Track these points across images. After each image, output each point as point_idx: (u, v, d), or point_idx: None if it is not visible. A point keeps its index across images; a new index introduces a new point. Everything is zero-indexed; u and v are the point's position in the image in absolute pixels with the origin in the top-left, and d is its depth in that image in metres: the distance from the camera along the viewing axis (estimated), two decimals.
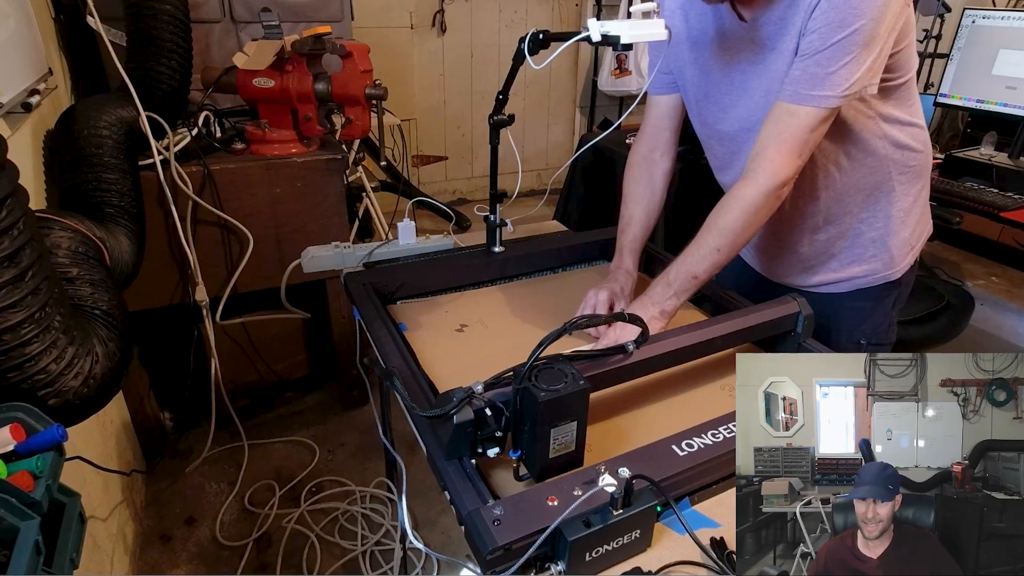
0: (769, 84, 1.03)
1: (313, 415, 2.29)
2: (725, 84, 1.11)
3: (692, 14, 1.10)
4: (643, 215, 1.27)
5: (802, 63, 0.96)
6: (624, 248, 1.26)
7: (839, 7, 0.90)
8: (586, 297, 1.19)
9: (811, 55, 0.94)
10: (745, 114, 1.10)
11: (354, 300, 1.21)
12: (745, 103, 1.09)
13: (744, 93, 1.09)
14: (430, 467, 0.83)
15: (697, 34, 1.11)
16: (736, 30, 1.04)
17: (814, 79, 0.95)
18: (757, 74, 1.05)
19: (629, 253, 1.25)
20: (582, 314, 1.17)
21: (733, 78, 1.09)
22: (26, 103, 1.32)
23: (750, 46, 1.04)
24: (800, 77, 0.96)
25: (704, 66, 1.13)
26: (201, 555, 1.75)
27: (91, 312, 1.08)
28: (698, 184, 1.39)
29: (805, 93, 0.96)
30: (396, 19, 3.59)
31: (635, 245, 1.26)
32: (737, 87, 1.09)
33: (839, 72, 0.93)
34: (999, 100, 2.21)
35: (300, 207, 1.90)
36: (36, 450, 0.74)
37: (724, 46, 1.08)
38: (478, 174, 4.28)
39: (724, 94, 1.12)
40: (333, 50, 1.71)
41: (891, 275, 1.23)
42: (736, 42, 1.05)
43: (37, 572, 0.64)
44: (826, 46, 0.92)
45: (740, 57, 1.06)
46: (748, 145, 1.11)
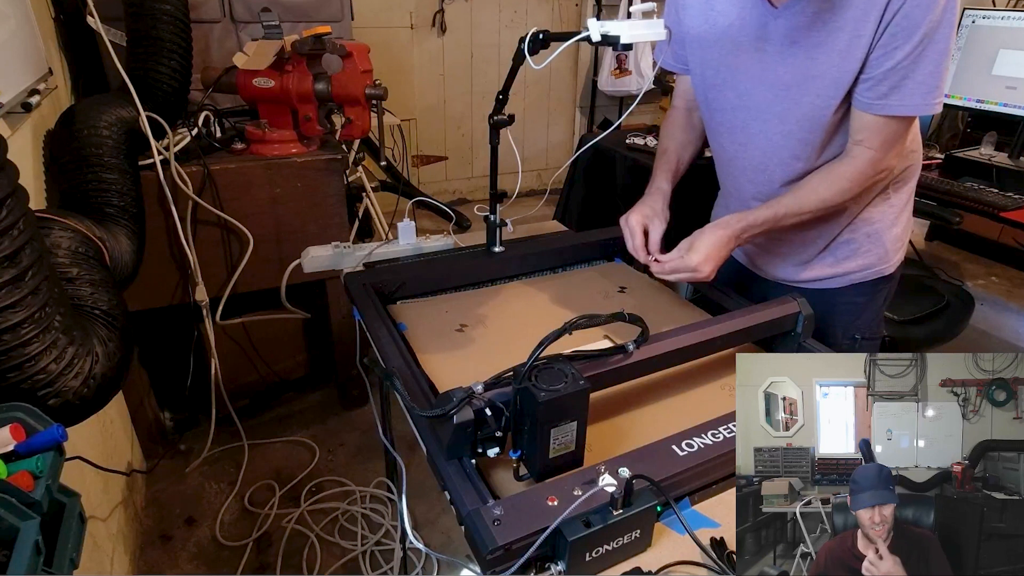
0: (788, 77, 1.04)
1: (313, 415, 2.29)
2: (741, 73, 1.11)
3: (716, 9, 1.10)
4: (678, 149, 1.30)
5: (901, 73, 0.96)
6: (658, 170, 1.27)
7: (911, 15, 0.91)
8: (623, 227, 1.19)
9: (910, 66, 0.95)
10: (763, 105, 1.10)
11: (354, 300, 1.21)
12: (761, 94, 1.09)
13: (761, 83, 1.09)
14: (430, 467, 0.83)
15: (721, 30, 1.11)
16: (759, 21, 1.04)
17: (921, 87, 0.97)
18: (776, 64, 1.05)
19: (663, 173, 1.26)
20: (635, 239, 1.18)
21: (750, 67, 1.09)
22: (26, 103, 1.32)
23: (773, 35, 1.04)
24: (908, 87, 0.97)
25: (722, 60, 1.13)
26: (201, 555, 1.75)
27: (91, 312, 1.08)
28: (698, 184, 1.39)
29: (917, 103, 0.98)
30: (396, 19, 3.59)
31: (670, 167, 1.27)
32: (753, 77, 1.09)
33: (943, 75, 0.96)
34: (999, 100, 2.21)
35: (300, 207, 1.90)
36: (36, 450, 0.74)
37: (743, 38, 1.08)
38: (478, 174, 4.28)
39: (740, 82, 1.12)
40: (333, 50, 1.71)
41: (884, 269, 1.24)
42: (757, 34, 1.06)
43: (37, 572, 0.64)
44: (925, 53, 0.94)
45: (759, 47, 1.06)
46: (760, 138, 1.13)
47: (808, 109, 1.05)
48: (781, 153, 1.12)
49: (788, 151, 1.11)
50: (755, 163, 1.18)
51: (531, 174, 4.44)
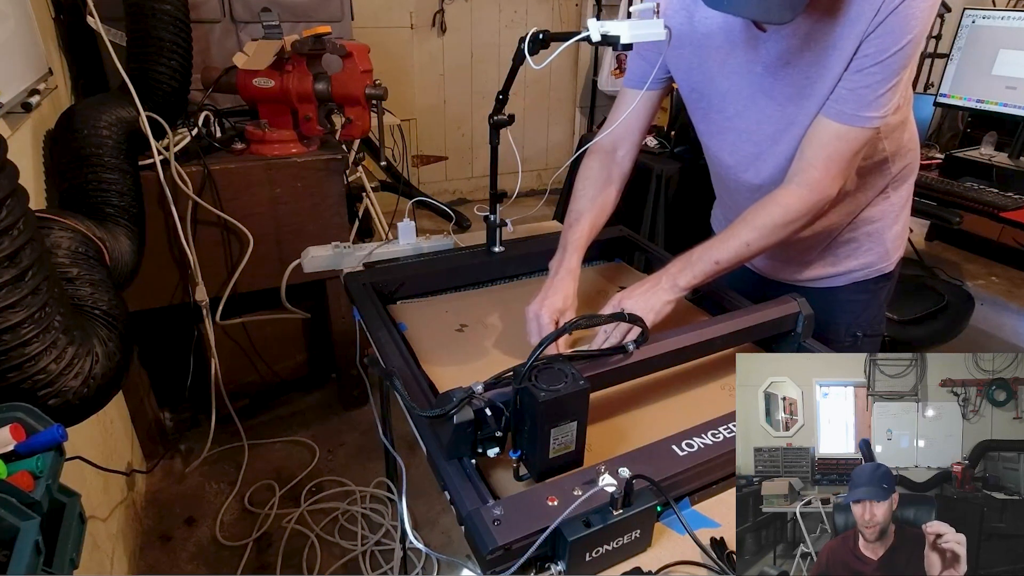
0: (782, 97, 1.02)
1: (313, 415, 2.29)
2: (732, 93, 1.09)
3: (698, 16, 1.07)
4: (595, 214, 1.18)
5: (851, 84, 0.95)
6: (569, 244, 1.13)
7: (893, 31, 0.89)
8: (527, 319, 1.07)
9: (862, 77, 0.94)
10: (754, 126, 1.09)
11: (354, 300, 1.21)
12: (754, 115, 1.08)
13: (752, 104, 1.07)
14: (430, 467, 0.83)
15: (701, 37, 1.08)
16: (747, 38, 1.02)
17: (862, 100, 0.95)
18: (768, 85, 1.03)
19: (575, 251, 1.13)
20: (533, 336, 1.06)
21: (741, 88, 1.07)
22: (26, 103, 1.32)
23: (764, 57, 1.02)
24: (849, 97, 0.96)
25: (708, 71, 1.10)
26: (201, 555, 1.75)
27: (91, 312, 1.08)
28: (697, 184, 1.39)
29: (855, 114, 0.96)
30: (396, 19, 3.59)
31: (582, 243, 1.15)
32: (744, 98, 1.07)
33: (886, 93, 0.94)
34: (999, 100, 2.21)
35: (300, 207, 1.90)
36: (36, 450, 0.74)
37: (731, 52, 1.05)
38: (478, 174, 4.28)
39: (729, 103, 1.10)
40: (333, 50, 1.71)
41: (885, 267, 1.25)
42: (746, 50, 1.03)
43: (37, 572, 0.64)
44: (877, 68, 0.92)
45: (749, 68, 1.04)
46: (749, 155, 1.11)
47: (800, 130, 1.04)
48: (776, 176, 1.10)
49: (782, 173, 1.09)
50: (751, 185, 1.16)
51: (531, 174, 4.44)
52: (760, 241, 1.03)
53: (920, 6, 0.88)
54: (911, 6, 0.87)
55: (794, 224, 1.03)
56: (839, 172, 1.01)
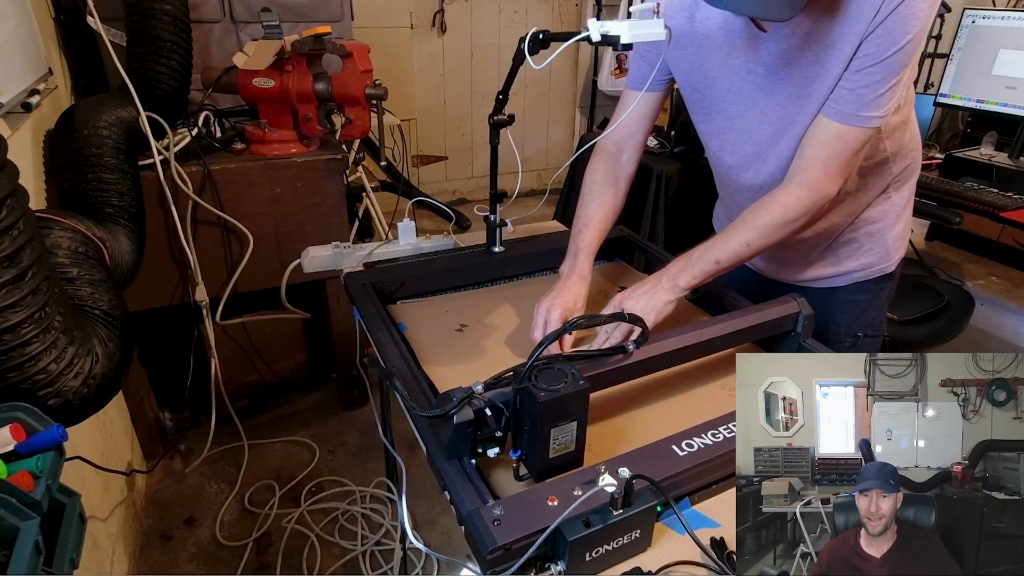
0: (782, 97, 1.02)
1: (313, 415, 2.29)
2: (732, 93, 1.09)
3: (698, 16, 1.07)
4: (603, 219, 1.19)
5: (851, 84, 0.95)
6: (580, 250, 1.15)
7: (893, 31, 0.89)
8: (536, 314, 1.08)
9: (861, 76, 0.94)
10: (754, 126, 1.09)
11: (354, 300, 1.21)
12: (755, 115, 1.08)
13: (753, 104, 1.07)
14: (430, 467, 0.83)
15: (702, 37, 1.08)
16: (748, 38, 1.02)
17: (862, 100, 0.95)
18: (769, 85, 1.03)
19: (586, 256, 1.15)
20: (538, 331, 1.07)
21: (741, 88, 1.07)
22: (26, 103, 1.31)
23: (765, 57, 1.01)
24: (849, 97, 0.96)
25: (708, 71, 1.10)
26: (201, 555, 1.75)
27: (91, 312, 1.08)
28: (698, 184, 1.39)
29: (855, 114, 0.96)
30: (396, 19, 3.59)
31: (592, 248, 1.17)
32: (745, 98, 1.07)
33: (886, 93, 0.94)
34: (999, 100, 2.21)
35: (300, 207, 1.90)
36: (36, 450, 0.74)
37: (732, 52, 1.05)
38: (478, 174, 4.28)
39: (730, 103, 1.10)
40: (333, 50, 1.71)
41: (886, 268, 1.25)
42: (746, 50, 1.03)
43: (37, 572, 0.64)
44: (877, 68, 0.92)
45: (750, 68, 1.04)
46: (750, 155, 1.11)
47: (800, 130, 1.04)
48: (776, 176, 1.10)
49: (782, 173, 1.09)
50: (752, 185, 1.16)
51: (531, 174, 4.44)
52: (760, 241, 1.04)
53: (920, 6, 0.88)
54: (911, 6, 0.87)
55: (794, 224, 1.03)
56: (839, 172, 1.01)
